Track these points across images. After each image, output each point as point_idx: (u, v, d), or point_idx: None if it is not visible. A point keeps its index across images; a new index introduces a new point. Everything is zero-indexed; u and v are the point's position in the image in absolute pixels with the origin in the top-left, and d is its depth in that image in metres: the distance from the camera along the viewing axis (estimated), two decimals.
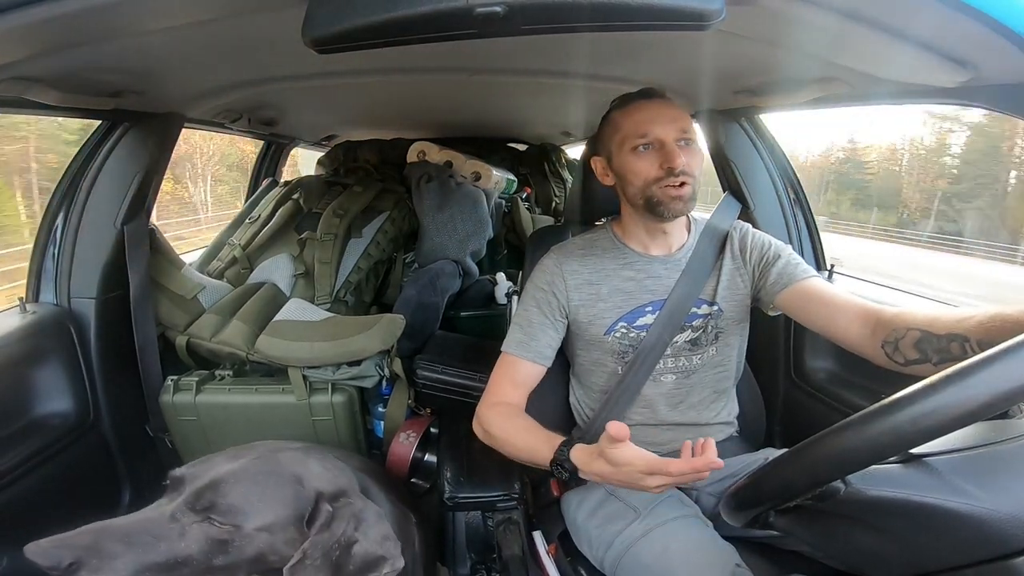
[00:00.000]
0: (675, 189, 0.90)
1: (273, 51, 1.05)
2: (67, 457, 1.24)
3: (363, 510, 0.73)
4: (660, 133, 0.90)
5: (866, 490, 0.51)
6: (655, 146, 0.91)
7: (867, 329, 0.81)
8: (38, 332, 1.24)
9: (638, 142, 0.92)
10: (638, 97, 0.96)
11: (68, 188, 1.33)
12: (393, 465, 1.41)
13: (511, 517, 1.09)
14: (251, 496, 0.67)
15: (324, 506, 0.69)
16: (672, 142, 0.90)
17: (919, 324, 0.74)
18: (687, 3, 0.59)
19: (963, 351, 0.68)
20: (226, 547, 0.64)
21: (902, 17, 0.65)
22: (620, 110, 0.97)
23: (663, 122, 0.91)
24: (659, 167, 0.90)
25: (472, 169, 2.33)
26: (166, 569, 0.62)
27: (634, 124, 0.93)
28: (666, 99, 0.96)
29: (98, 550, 0.61)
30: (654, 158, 0.91)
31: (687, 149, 0.91)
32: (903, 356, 0.75)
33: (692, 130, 0.93)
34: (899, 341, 0.76)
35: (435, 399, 1.52)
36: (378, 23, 0.59)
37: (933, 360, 0.71)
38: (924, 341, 0.73)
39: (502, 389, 0.97)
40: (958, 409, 0.42)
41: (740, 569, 0.75)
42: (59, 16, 0.65)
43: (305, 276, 1.65)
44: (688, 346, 0.98)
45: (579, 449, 0.80)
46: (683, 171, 0.89)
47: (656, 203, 0.92)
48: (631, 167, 0.93)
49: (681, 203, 0.91)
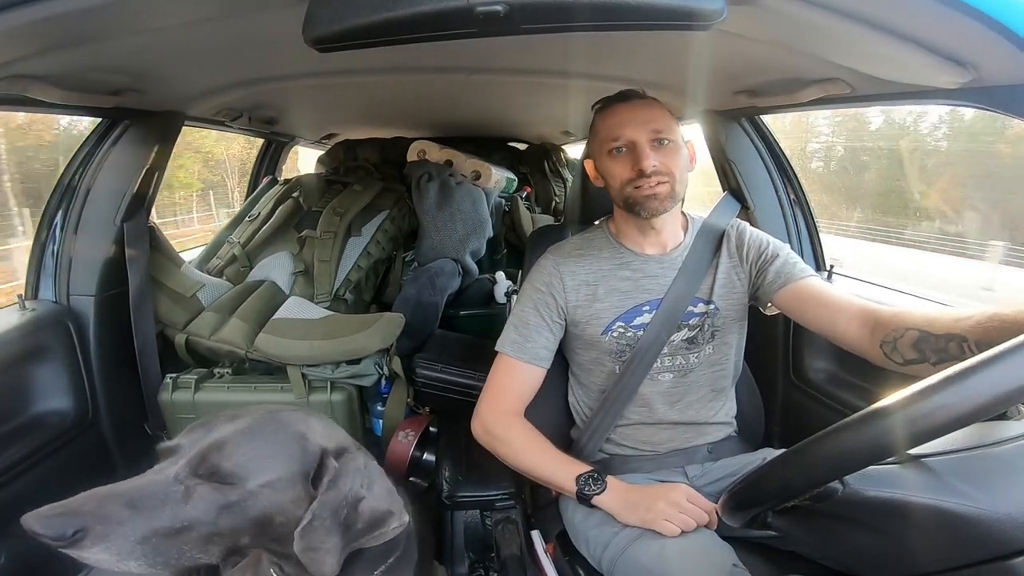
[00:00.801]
0: (649, 188, 0.91)
1: (273, 50, 1.05)
2: (66, 454, 1.24)
3: (367, 465, 0.72)
4: (631, 135, 0.91)
5: (864, 491, 0.51)
6: (628, 148, 0.92)
7: (865, 329, 0.81)
8: (37, 329, 1.24)
9: (612, 145, 0.93)
10: (615, 100, 0.97)
11: (68, 185, 1.33)
12: (391, 464, 1.41)
13: (509, 516, 1.09)
14: (255, 453, 0.65)
15: (330, 462, 0.68)
16: (645, 143, 0.91)
17: (917, 324, 0.74)
18: (688, 3, 0.60)
19: (961, 351, 0.68)
20: (231, 508, 0.62)
21: (902, 18, 0.65)
22: (599, 114, 0.98)
23: (635, 124, 0.92)
24: (631, 169, 0.91)
25: (472, 168, 2.33)
26: (172, 534, 0.59)
27: (608, 128, 0.94)
28: (644, 100, 0.96)
29: (103, 516, 0.57)
30: (627, 160, 0.92)
31: (662, 149, 0.91)
32: (901, 356, 0.75)
33: (670, 129, 0.93)
34: (897, 341, 0.76)
35: (434, 398, 1.52)
36: (379, 22, 0.59)
37: (931, 360, 0.72)
38: (922, 341, 0.73)
39: (504, 394, 0.97)
40: (956, 410, 0.42)
41: (738, 569, 0.75)
42: (60, 15, 0.65)
43: (305, 274, 1.65)
44: (685, 345, 0.98)
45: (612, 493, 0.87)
46: (655, 171, 0.90)
47: (633, 203, 0.93)
48: (608, 170, 0.96)
49: (656, 201, 0.92)
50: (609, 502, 0.86)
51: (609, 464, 0.99)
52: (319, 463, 0.68)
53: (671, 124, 0.93)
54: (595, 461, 0.99)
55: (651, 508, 0.82)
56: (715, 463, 0.99)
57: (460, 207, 2.02)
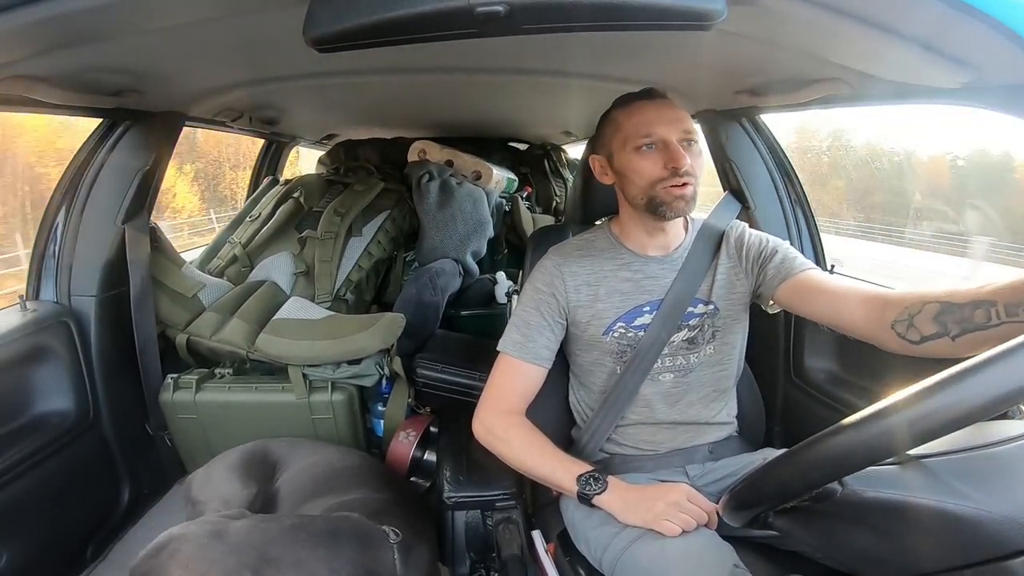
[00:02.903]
0: (678, 189, 0.90)
1: (274, 50, 1.05)
2: (67, 455, 1.25)
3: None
4: (664, 133, 0.90)
5: (863, 491, 0.51)
6: (659, 146, 0.91)
7: (874, 312, 0.79)
8: (38, 330, 1.24)
9: (641, 142, 0.91)
10: (641, 97, 0.96)
11: (69, 186, 1.33)
12: (392, 464, 1.41)
13: (510, 516, 1.09)
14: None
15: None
16: (676, 142, 0.90)
17: (937, 297, 0.72)
18: (688, 3, 0.59)
19: (988, 318, 0.65)
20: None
21: (903, 17, 0.65)
22: (622, 109, 0.96)
23: (666, 122, 0.91)
24: (663, 167, 0.90)
25: (473, 168, 2.34)
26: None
27: (637, 124, 0.92)
28: (668, 100, 0.96)
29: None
30: (657, 158, 0.91)
31: (690, 150, 0.91)
32: (919, 332, 0.73)
33: (694, 131, 0.93)
34: (914, 317, 0.73)
35: (435, 398, 1.52)
36: (379, 22, 0.59)
37: (952, 333, 0.69)
38: (944, 312, 0.70)
39: (506, 394, 0.97)
40: (956, 411, 0.42)
41: (738, 569, 0.75)
42: (61, 15, 0.65)
43: (305, 274, 1.66)
44: (686, 345, 0.98)
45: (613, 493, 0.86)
46: (687, 171, 0.89)
47: (659, 203, 0.92)
48: (634, 167, 0.93)
49: (683, 203, 0.91)
50: (610, 502, 0.86)
51: (610, 464, 0.99)
52: None
53: (694, 126, 0.93)
54: (596, 461, 0.98)
55: (652, 508, 0.82)
56: (716, 463, 0.99)
57: (461, 207, 2.02)
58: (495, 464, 0.97)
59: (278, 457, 1.25)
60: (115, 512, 1.39)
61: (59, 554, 1.23)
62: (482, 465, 1.12)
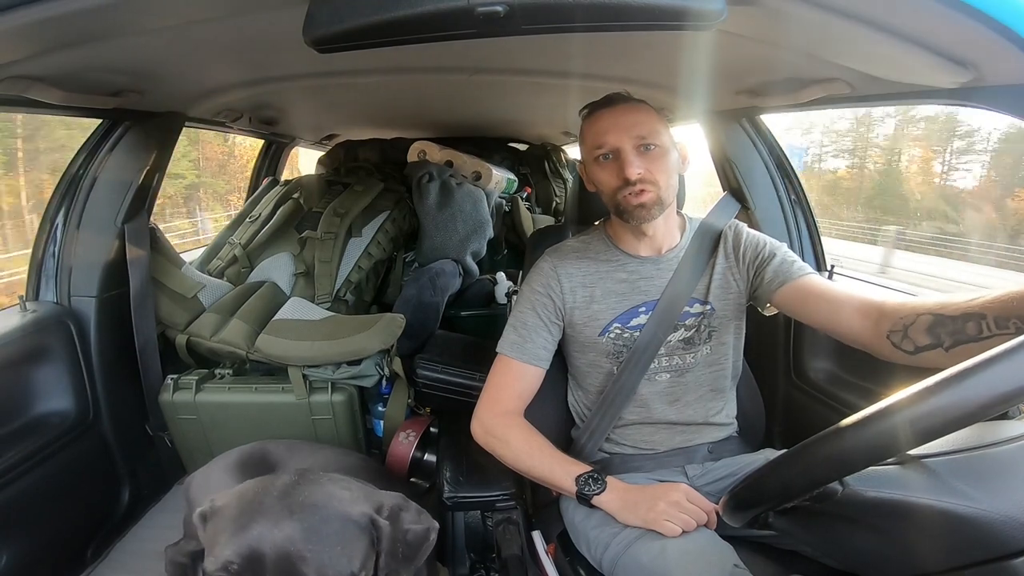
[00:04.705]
0: (635, 197, 0.90)
1: (274, 50, 1.05)
2: (67, 455, 1.25)
3: (395, 503, 0.77)
4: (615, 142, 0.90)
5: (864, 491, 0.51)
6: (614, 155, 0.91)
7: (869, 321, 0.80)
8: (38, 330, 1.24)
9: (597, 152, 0.93)
10: (600, 105, 0.96)
11: (69, 187, 1.33)
12: (392, 464, 1.41)
13: (510, 517, 1.09)
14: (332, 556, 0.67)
15: (380, 523, 0.73)
16: (629, 150, 0.90)
17: (930, 308, 0.73)
18: (688, 3, 0.59)
19: (979, 330, 0.66)
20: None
21: (903, 17, 0.65)
22: (586, 119, 0.97)
23: (619, 130, 0.90)
24: (617, 176, 0.91)
25: (473, 168, 2.33)
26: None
27: (595, 134, 0.93)
28: (630, 103, 0.95)
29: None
30: (613, 168, 0.92)
31: (647, 154, 0.90)
32: (913, 343, 0.74)
33: (655, 133, 0.91)
34: (908, 328, 0.74)
35: (435, 398, 1.52)
36: (379, 23, 0.59)
37: (946, 344, 0.70)
38: (937, 324, 0.71)
39: (505, 395, 0.97)
40: (956, 411, 0.42)
41: (739, 569, 0.75)
42: (60, 15, 0.65)
43: (305, 275, 1.65)
44: (682, 345, 0.98)
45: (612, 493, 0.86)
46: (640, 179, 0.89)
47: (622, 211, 0.93)
48: (596, 177, 0.95)
49: (644, 210, 0.91)
50: (609, 502, 0.86)
51: (609, 464, 0.99)
52: (374, 530, 0.73)
53: (656, 128, 0.92)
54: (595, 461, 0.99)
55: (652, 508, 0.82)
56: (715, 463, 0.99)
57: (461, 208, 2.02)
58: (495, 465, 0.97)
59: (277, 459, 1.25)
60: (115, 512, 1.39)
61: (59, 554, 1.23)
62: (482, 466, 1.12)
